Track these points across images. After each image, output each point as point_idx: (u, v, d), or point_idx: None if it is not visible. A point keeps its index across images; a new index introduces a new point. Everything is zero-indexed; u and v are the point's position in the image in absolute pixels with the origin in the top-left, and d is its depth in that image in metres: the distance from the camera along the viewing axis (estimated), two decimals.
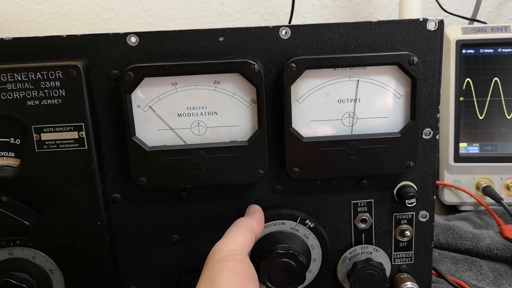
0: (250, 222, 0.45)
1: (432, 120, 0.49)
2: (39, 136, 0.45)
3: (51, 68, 0.43)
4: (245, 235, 0.43)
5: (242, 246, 0.42)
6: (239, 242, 0.42)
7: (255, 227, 0.45)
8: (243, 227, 0.44)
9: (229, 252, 0.40)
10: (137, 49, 0.45)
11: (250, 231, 0.44)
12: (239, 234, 0.43)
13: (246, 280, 0.38)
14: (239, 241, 0.42)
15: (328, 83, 0.46)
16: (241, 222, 0.45)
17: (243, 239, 0.43)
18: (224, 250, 0.41)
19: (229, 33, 0.46)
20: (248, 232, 0.44)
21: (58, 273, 0.49)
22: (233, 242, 0.42)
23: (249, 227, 0.45)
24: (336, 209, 0.51)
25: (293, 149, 0.47)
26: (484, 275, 0.61)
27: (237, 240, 0.42)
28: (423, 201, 0.51)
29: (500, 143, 0.75)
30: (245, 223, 0.45)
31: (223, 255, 0.40)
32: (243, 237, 0.43)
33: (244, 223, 0.45)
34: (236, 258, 0.40)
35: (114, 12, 1.03)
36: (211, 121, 0.47)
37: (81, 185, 0.46)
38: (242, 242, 0.43)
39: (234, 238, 0.43)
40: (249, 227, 0.45)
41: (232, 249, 0.41)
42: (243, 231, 0.44)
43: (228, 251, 0.41)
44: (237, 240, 0.42)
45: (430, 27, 0.46)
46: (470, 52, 0.74)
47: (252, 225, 0.45)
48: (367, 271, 0.50)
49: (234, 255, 0.40)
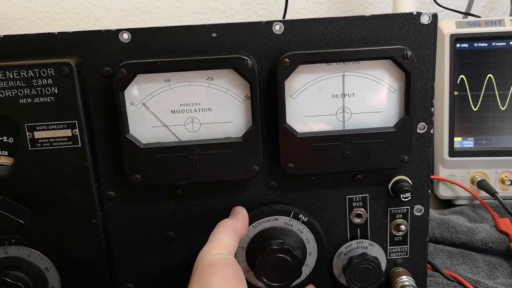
0: (234, 223, 0.45)
1: (427, 114, 0.49)
2: (32, 134, 0.44)
3: (43, 65, 0.43)
4: (230, 237, 0.43)
5: (229, 248, 0.42)
6: (226, 245, 0.42)
7: (239, 228, 0.45)
8: (228, 229, 0.44)
9: (217, 257, 0.40)
10: (129, 46, 0.45)
11: (235, 233, 0.44)
12: (224, 237, 0.43)
13: (237, 284, 0.38)
14: (226, 243, 0.42)
15: (322, 78, 0.46)
16: (226, 224, 0.45)
17: (229, 242, 0.43)
18: (212, 254, 0.41)
19: (222, 29, 0.45)
20: (233, 234, 0.44)
21: (53, 271, 0.48)
22: (220, 245, 0.42)
23: (234, 228, 0.44)
24: (331, 204, 0.51)
25: (288, 144, 0.47)
26: (479, 268, 0.61)
27: (224, 243, 0.42)
28: (418, 195, 0.51)
29: (494, 137, 0.76)
30: (229, 225, 0.45)
31: (212, 260, 0.40)
32: (228, 239, 0.43)
33: (229, 225, 0.45)
34: (225, 262, 0.40)
35: (106, 10, 1.02)
36: (205, 118, 0.46)
37: (75, 183, 0.46)
38: (229, 245, 0.42)
39: (220, 241, 0.42)
40: (234, 228, 0.44)
41: (219, 253, 0.41)
42: (228, 234, 0.43)
43: (216, 255, 0.40)
44: (224, 243, 0.42)
45: (423, 20, 0.46)
46: (465, 46, 0.74)
47: (237, 227, 0.45)
48: (363, 265, 0.50)
49: (223, 259, 0.40)
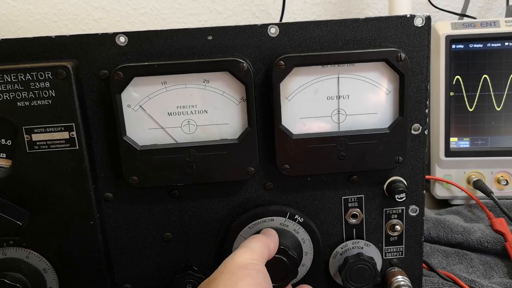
0: (268, 240, 0.45)
1: (421, 115, 0.49)
2: (30, 136, 0.45)
3: (41, 69, 0.43)
4: (263, 250, 0.44)
5: (262, 257, 0.43)
6: (259, 253, 0.43)
7: (271, 246, 0.45)
8: (262, 243, 0.44)
9: (249, 261, 0.41)
10: (126, 49, 0.45)
11: (267, 248, 0.44)
12: (258, 247, 0.43)
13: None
14: (259, 252, 0.43)
15: (317, 80, 0.47)
16: (260, 238, 0.45)
17: (262, 252, 0.43)
18: (245, 258, 0.41)
19: (218, 32, 0.46)
20: (266, 248, 0.44)
21: (52, 273, 0.49)
22: (254, 252, 0.42)
23: (267, 244, 0.45)
24: (327, 205, 0.51)
25: (283, 146, 0.47)
26: (475, 268, 0.62)
27: (257, 251, 0.43)
28: (413, 196, 0.51)
29: (490, 137, 0.76)
30: (263, 240, 0.45)
31: (245, 263, 0.40)
32: (262, 250, 0.43)
33: (263, 240, 0.45)
34: (257, 268, 0.40)
35: (105, 12, 1.03)
36: (202, 120, 0.47)
37: (73, 185, 0.46)
38: (262, 255, 0.43)
39: (254, 249, 0.43)
40: (267, 244, 0.45)
41: (252, 258, 0.41)
42: (262, 247, 0.44)
43: (249, 260, 0.41)
44: (257, 251, 0.43)
45: (417, 23, 0.47)
46: (460, 47, 0.74)
47: (270, 245, 0.45)
48: (358, 265, 0.50)
49: (256, 265, 0.41)
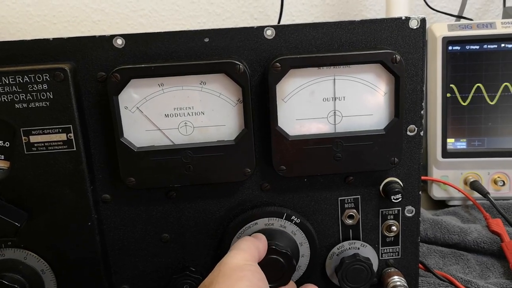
0: (257, 242, 0.46)
1: (417, 117, 0.49)
2: (28, 138, 0.45)
3: (38, 71, 0.44)
4: (253, 250, 0.44)
5: (254, 258, 0.43)
6: (251, 253, 0.43)
7: (261, 247, 0.46)
8: (252, 243, 0.45)
9: (243, 262, 0.41)
10: (123, 51, 0.46)
11: (257, 249, 0.45)
12: (250, 247, 0.44)
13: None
14: (250, 252, 0.43)
15: (313, 82, 0.47)
16: (249, 239, 0.46)
17: (253, 253, 0.43)
18: (238, 259, 0.41)
19: (215, 34, 0.46)
20: (255, 249, 0.44)
21: (50, 273, 0.49)
22: (246, 253, 0.43)
23: (257, 246, 0.45)
24: (324, 205, 0.51)
25: (280, 147, 0.47)
26: (471, 268, 0.62)
27: (249, 252, 0.43)
28: (409, 197, 0.52)
29: (487, 138, 0.76)
30: (253, 241, 0.46)
31: (239, 265, 0.40)
32: (253, 250, 0.44)
33: (252, 241, 0.46)
34: (252, 268, 0.41)
35: (104, 14, 1.03)
36: (198, 121, 0.47)
37: (71, 186, 0.47)
38: (253, 255, 0.43)
39: (246, 250, 0.43)
40: (257, 246, 0.45)
41: (246, 259, 0.42)
42: (252, 247, 0.44)
43: (243, 261, 0.41)
44: (249, 252, 0.43)
45: (412, 25, 0.47)
46: (457, 48, 0.75)
47: (259, 245, 0.46)
48: (355, 266, 0.50)
49: (250, 265, 0.41)
